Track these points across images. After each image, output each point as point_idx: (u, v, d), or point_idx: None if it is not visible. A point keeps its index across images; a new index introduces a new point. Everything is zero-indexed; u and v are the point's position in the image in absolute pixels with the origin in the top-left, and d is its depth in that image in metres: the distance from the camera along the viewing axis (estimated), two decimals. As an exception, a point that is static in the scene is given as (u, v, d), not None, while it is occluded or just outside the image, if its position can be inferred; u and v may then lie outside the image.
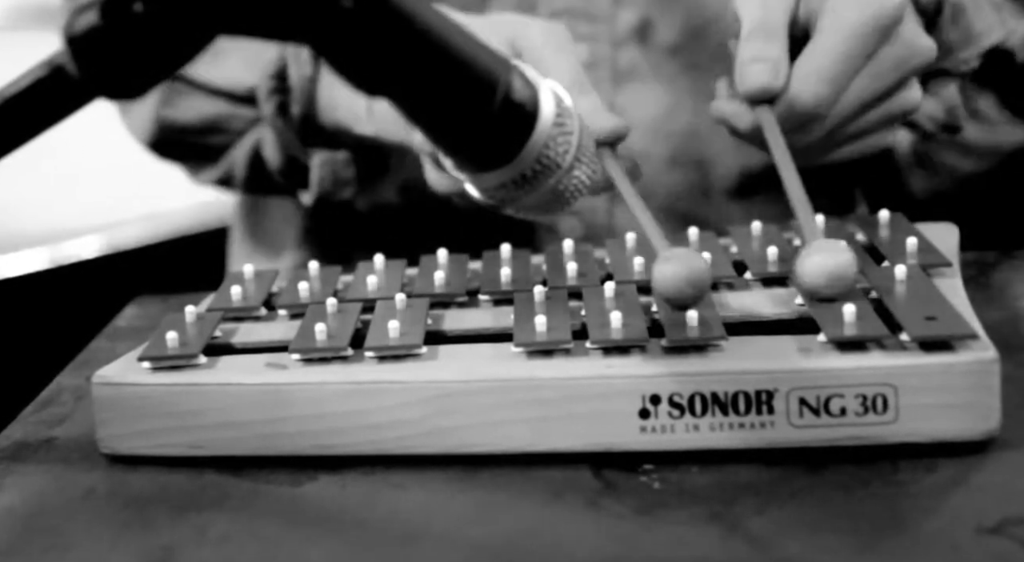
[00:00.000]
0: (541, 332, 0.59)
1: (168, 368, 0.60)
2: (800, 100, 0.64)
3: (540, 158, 0.55)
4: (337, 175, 0.87)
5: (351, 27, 0.46)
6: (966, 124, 0.85)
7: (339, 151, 0.86)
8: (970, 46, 0.81)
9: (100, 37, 0.44)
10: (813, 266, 0.58)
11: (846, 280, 0.58)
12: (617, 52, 0.87)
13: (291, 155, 0.87)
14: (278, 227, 1.00)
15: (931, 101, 0.81)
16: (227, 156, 0.91)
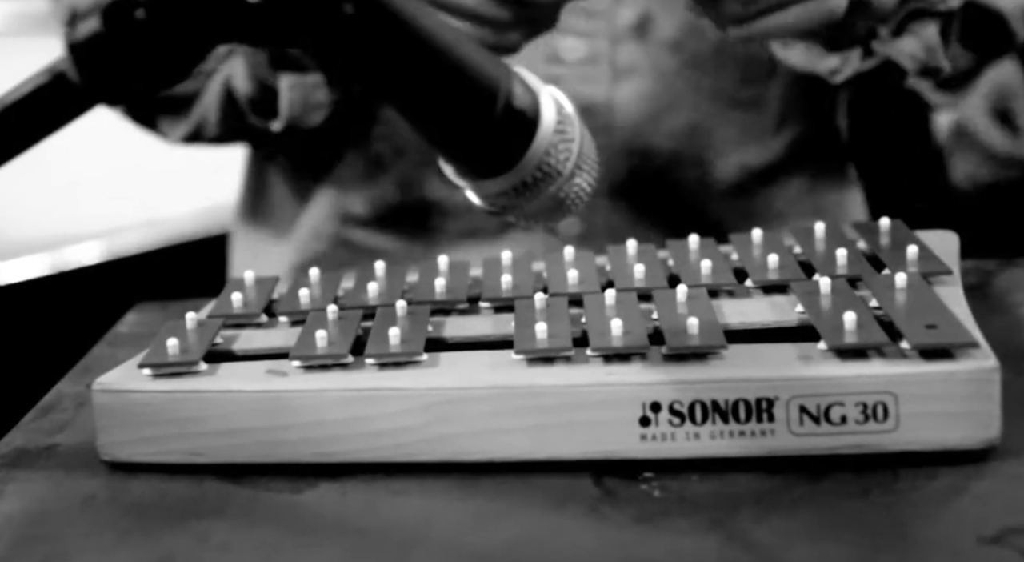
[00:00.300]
0: (542, 339, 0.59)
1: (169, 375, 0.60)
2: None
3: (541, 165, 0.55)
4: (307, 98, 0.86)
5: (353, 34, 0.47)
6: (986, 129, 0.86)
7: (309, 74, 0.85)
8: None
9: (102, 43, 0.44)
10: None
11: None
12: (616, 48, 0.87)
13: (261, 80, 0.86)
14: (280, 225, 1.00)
15: (911, 40, 0.81)
16: (198, 103, 0.90)
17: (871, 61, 0.81)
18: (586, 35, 0.87)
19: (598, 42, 0.87)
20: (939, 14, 0.81)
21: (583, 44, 0.87)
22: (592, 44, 0.87)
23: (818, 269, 0.65)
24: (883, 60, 0.81)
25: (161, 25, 0.44)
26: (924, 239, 0.68)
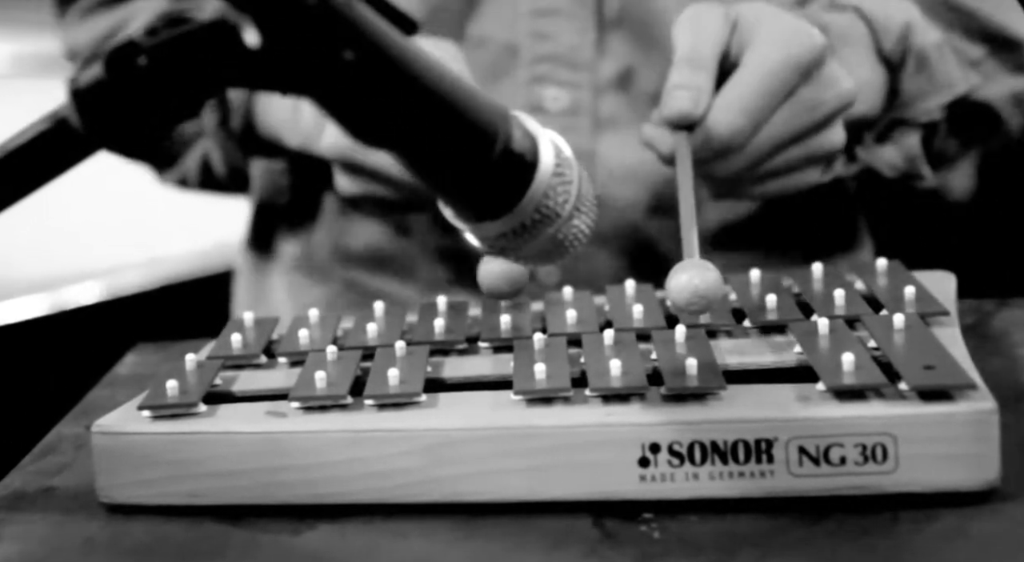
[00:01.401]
0: (540, 380, 0.59)
1: (168, 417, 0.60)
2: (716, 130, 0.67)
3: (540, 207, 0.55)
4: (275, 182, 0.93)
5: (353, 80, 0.47)
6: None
7: (276, 160, 0.92)
8: (933, 97, 0.82)
9: (104, 90, 0.45)
10: (679, 283, 0.58)
11: (709, 297, 0.58)
12: (598, 99, 0.88)
13: (233, 164, 0.93)
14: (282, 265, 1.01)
15: (892, 150, 0.83)
16: (181, 162, 0.96)
17: (854, 166, 0.83)
18: (569, 86, 0.88)
19: (581, 93, 0.88)
20: (922, 124, 0.83)
21: (566, 94, 0.88)
22: (575, 95, 0.88)
23: (816, 310, 0.66)
24: (865, 166, 0.83)
25: (163, 72, 0.45)
26: (921, 279, 0.68)
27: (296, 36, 0.45)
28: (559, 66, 0.88)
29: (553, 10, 0.87)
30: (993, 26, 0.86)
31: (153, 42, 0.45)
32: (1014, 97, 0.88)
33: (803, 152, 0.71)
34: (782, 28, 0.70)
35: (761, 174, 0.71)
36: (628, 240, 0.90)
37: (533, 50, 0.88)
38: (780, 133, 0.69)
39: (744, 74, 0.68)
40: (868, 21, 0.80)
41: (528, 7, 0.88)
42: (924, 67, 0.82)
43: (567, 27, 0.87)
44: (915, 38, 0.81)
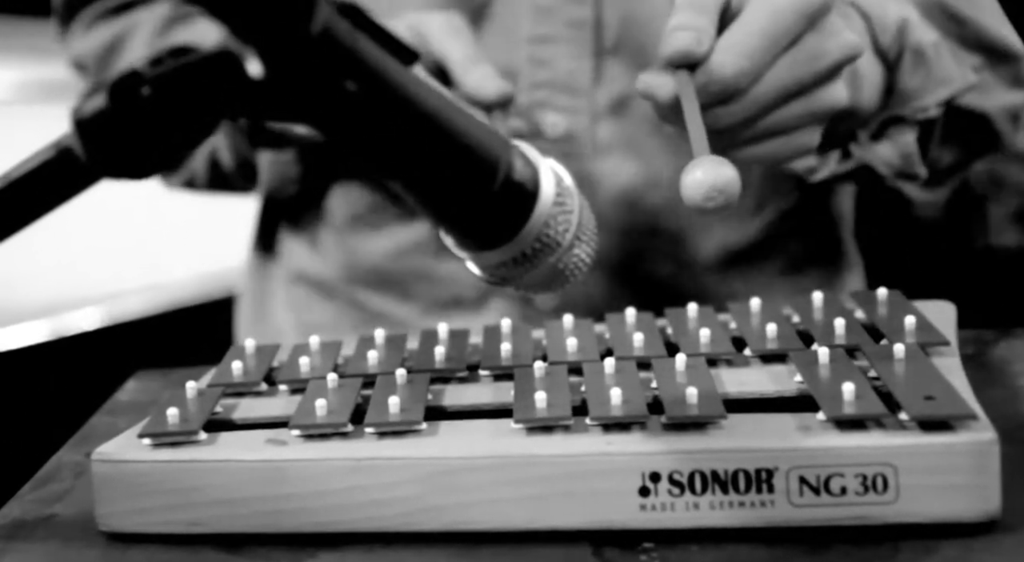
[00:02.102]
0: (541, 408, 0.59)
1: (168, 444, 0.60)
2: (720, 70, 0.65)
3: (540, 237, 0.55)
4: (283, 173, 0.94)
5: (355, 110, 0.47)
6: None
7: (284, 151, 0.92)
8: (929, 93, 0.82)
9: (108, 120, 0.45)
10: (696, 179, 0.57)
11: (727, 192, 0.56)
12: (596, 125, 0.89)
13: (242, 157, 0.94)
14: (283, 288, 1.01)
15: (888, 147, 0.82)
16: (189, 162, 0.97)
17: (849, 163, 0.82)
18: (567, 111, 0.88)
19: (579, 119, 0.88)
20: (918, 122, 0.82)
21: (564, 120, 0.88)
22: (573, 120, 0.88)
23: (816, 339, 0.66)
24: (861, 163, 0.82)
25: (167, 102, 0.45)
26: (921, 309, 0.68)
27: (299, 66, 0.45)
28: (557, 92, 0.88)
29: (551, 37, 0.88)
30: (989, 36, 0.86)
31: (156, 72, 0.45)
32: (1009, 111, 0.87)
33: (804, 107, 0.69)
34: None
35: (761, 130, 0.69)
36: (625, 265, 0.90)
37: (531, 76, 0.88)
38: (783, 80, 0.67)
39: (748, 17, 0.66)
40: (864, 16, 0.79)
41: (527, 34, 0.88)
42: (921, 64, 0.81)
43: (565, 54, 0.88)
44: (912, 35, 0.80)
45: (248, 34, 0.45)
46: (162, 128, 0.45)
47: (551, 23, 0.88)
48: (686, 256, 0.90)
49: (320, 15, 0.45)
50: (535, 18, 0.88)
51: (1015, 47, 0.86)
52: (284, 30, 0.45)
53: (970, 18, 0.86)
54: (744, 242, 0.92)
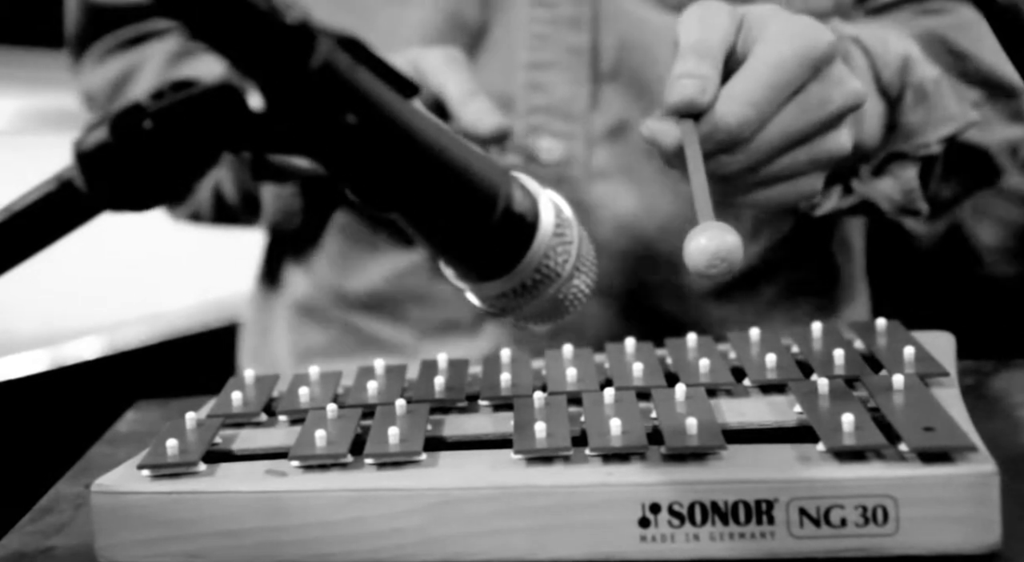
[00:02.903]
0: (541, 439, 0.59)
1: (167, 476, 0.60)
2: (724, 120, 0.64)
3: (540, 268, 0.55)
4: (287, 206, 0.94)
5: (354, 143, 0.47)
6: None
7: (287, 184, 0.93)
8: (931, 130, 0.82)
9: (109, 153, 0.45)
10: (697, 246, 0.57)
11: (730, 260, 0.57)
12: (592, 151, 0.89)
13: (245, 190, 0.94)
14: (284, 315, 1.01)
15: (890, 183, 0.82)
16: (193, 198, 0.98)
17: (851, 199, 0.82)
18: (563, 137, 0.88)
19: (575, 144, 0.89)
20: (919, 158, 0.83)
21: (560, 145, 0.89)
22: (569, 146, 0.89)
23: (816, 369, 0.66)
24: (863, 198, 0.82)
25: (168, 135, 0.45)
26: (921, 340, 0.68)
27: (299, 100, 0.46)
28: (554, 117, 0.89)
29: (549, 63, 0.88)
30: (989, 71, 0.86)
31: (158, 106, 0.45)
32: (1010, 145, 0.88)
33: (808, 154, 0.69)
34: (792, 23, 0.68)
35: (765, 177, 0.68)
36: (621, 291, 0.91)
37: (528, 101, 0.89)
38: (787, 129, 0.67)
39: (753, 65, 0.66)
40: (867, 51, 0.80)
41: (524, 60, 0.89)
42: (923, 100, 0.81)
43: (562, 79, 0.88)
44: (914, 71, 0.80)
45: (249, 68, 0.45)
46: (164, 161, 0.46)
47: (548, 49, 0.88)
48: (682, 281, 0.91)
49: (320, 50, 0.45)
50: (532, 44, 0.88)
51: (1014, 82, 0.87)
52: (285, 65, 0.45)
53: (971, 53, 0.86)
54: (745, 269, 0.92)
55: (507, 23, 0.88)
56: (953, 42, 0.86)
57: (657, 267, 0.90)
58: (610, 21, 0.88)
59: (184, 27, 0.43)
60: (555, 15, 0.88)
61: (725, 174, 0.67)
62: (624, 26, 0.88)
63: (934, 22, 0.88)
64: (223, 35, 0.44)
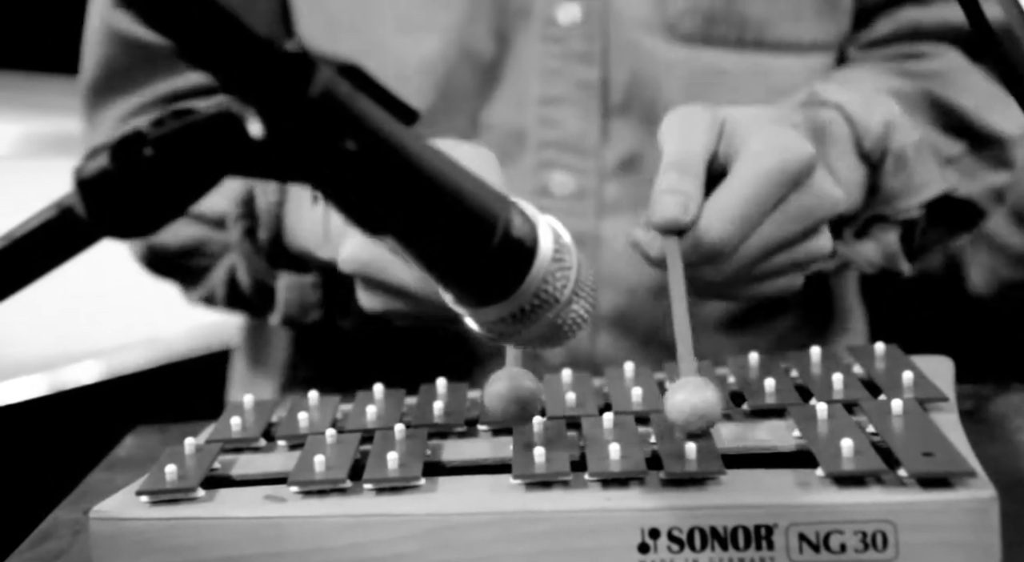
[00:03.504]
0: (540, 464, 0.59)
1: (166, 502, 0.60)
2: (707, 237, 0.66)
3: (539, 293, 0.55)
4: (304, 298, 0.87)
5: (354, 170, 0.48)
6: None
7: (306, 274, 0.87)
8: (911, 196, 0.84)
9: (110, 180, 0.45)
10: (676, 403, 0.60)
11: (708, 417, 0.60)
12: (603, 184, 0.89)
13: (259, 278, 0.88)
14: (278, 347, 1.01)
15: (871, 245, 0.84)
16: (208, 278, 0.93)
17: (833, 261, 0.84)
18: (575, 171, 0.89)
19: (587, 178, 0.89)
20: (900, 221, 0.85)
21: (572, 179, 0.89)
22: (581, 180, 0.89)
23: (815, 394, 0.66)
24: (845, 260, 0.84)
25: (169, 162, 0.45)
26: (919, 364, 0.68)
27: (299, 127, 0.46)
28: (565, 152, 0.89)
29: (560, 98, 0.89)
30: (974, 122, 0.89)
31: (159, 133, 0.46)
32: (994, 191, 0.90)
33: (790, 258, 0.71)
34: (774, 137, 0.70)
35: (747, 280, 0.71)
36: (633, 322, 0.91)
37: (540, 136, 0.89)
38: (769, 240, 0.69)
39: (735, 181, 0.68)
40: (849, 120, 0.82)
41: (536, 94, 0.89)
42: (903, 167, 0.83)
43: (573, 114, 0.89)
44: (895, 138, 0.82)
45: (249, 95, 0.45)
46: (164, 188, 0.46)
47: (559, 84, 0.89)
48: (694, 313, 0.91)
49: (320, 77, 0.45)
50: (543, 79, 0.89)
51: (999, 132, 0.89)
52: (285, 92, 0.45)
53: (955, 106, 0.88)
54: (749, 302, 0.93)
55: (518, 57, 0.89)
56: (937, 96, 0.88)
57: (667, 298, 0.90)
58: (620, 55, 0.88)
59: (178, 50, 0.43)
60: (566, 50, 0.88)
61: (708, 282, 0.69)
62: (634, 60, 0.88)
63: (920, 67, 0.90)
64: (222, 61, 0.45)
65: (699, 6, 0.87)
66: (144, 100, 0.93)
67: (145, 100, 0.93)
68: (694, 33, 0.88)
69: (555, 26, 0.88)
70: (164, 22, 0.43)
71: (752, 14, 0.86)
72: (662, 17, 0.88)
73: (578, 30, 0.88)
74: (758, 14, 0.86)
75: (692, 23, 0.87)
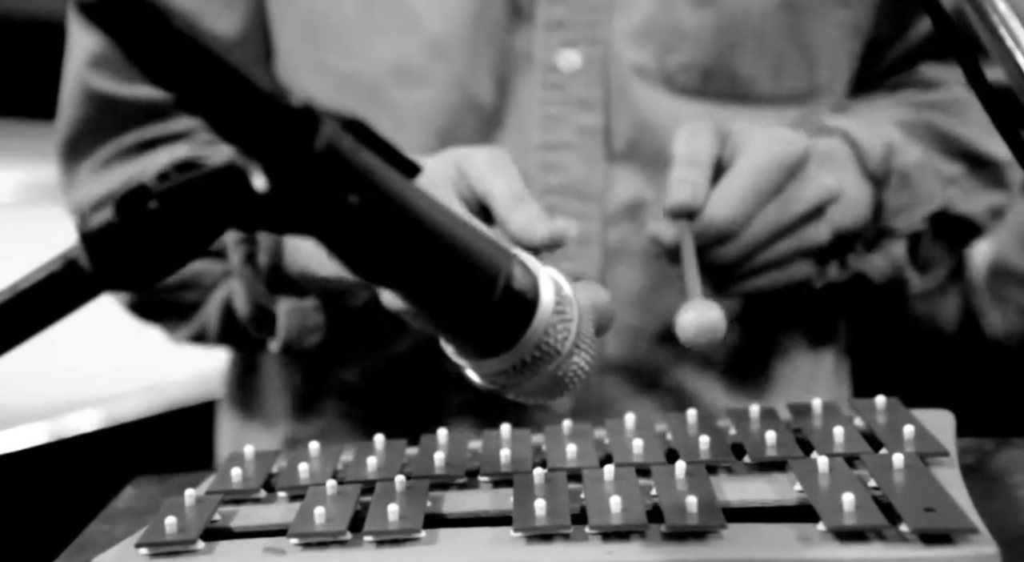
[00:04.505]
0: (540, 516, 0.59)
1: (166, 554, 0.59)
2: (715, 217, 0.76)
3: (540, 345, 0.56)
4: (304, 322, 0.89)
5: (357, 223, 0.48)
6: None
7: (306, 298, 0.88)
8: (914, 210, 0.90)
9: (114, 233, 0.46)
10: (687, 320, 0.70)
11: (715, 332, 0.69)
12: (607, 229, 0.90)
13: (259, 304, 0.89)
14: (270, 398, 1.00)
15: (880, 258, 0.91)
16: (200, 312, 0.93)
17: (846, 272, 0.90)
18: (579, 216, 0.89)
19: (591, 223, 0.90)
20: (907, 234, 0.91)
21: (576, 225, 0.89)
22: (585, 225, 0.89)
23: (816, 447, 0.66)
24: (856, 272, 0.91)
25: (173, 216, 0.46)
26: (920, 418, 0.68)
27: (303, 181, 0.46)
28: (569, 197, 0.90)
29: (562, 144, 0.90)
30: (972, 148, 0.94)
31: (164, 187, 0.46)
32: (992, 210, 0.95)
33: (791, 245, 0.80)
34: (770, 134, 0.80)
35: (755, 266, 0.79)
36: (639, 367, 0.91)
37: (543, 181, 0.90)
38: (769, 223, 0.78)
39: (736, 171, 0.77)
40: (853, 143, 0.88)
41: (537, 141, 0.90)
42: (906, 184, 0.90)
43: (576, 160, 0.90)
44: (897, 157, 0.89)
45: (254, 150, 0.46)
46: (168, 241, 0.46)
47: (561, 130, 0.89)
48: (698, 357, 0.91)
49: (324, 132, 0.46)
50: (545, 126, 0.90)
51: (996, 156, 0.95)
52: (289, 146, 0.46)
53: (953, 134, 0.94)
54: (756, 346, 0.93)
55: (519, 104, 0.90)
56: (938, 126, 0.94)
57: (675, 343, 0.90)
58: (621, 103, 0.89)
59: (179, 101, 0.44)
60: (566, 96, 0.89)
61: (719, 264, 0.77)
62: (636, 107, 0.89)
63: (925, 98, 0.95)
64: (228, 116, 0.45)
65: (697, 62, 0.89)
66: (116, 149, 0.94)
67: (117, 149, 0.94)
68: (691, 86, 0.89)
69: (556, 73, 0.89)
70: (170, 78, 0.44)
71: (741, 71, 0.90)
72: (661, 69, 0.89)
73: (578, 77, 0.89)
74: (746, 71, 0.90)
75: (689, 77, 0.89)
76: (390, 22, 0.89)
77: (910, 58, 0.96)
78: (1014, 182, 0.96)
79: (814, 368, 0.97)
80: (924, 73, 0.96)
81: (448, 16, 0.88)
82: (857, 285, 0.91)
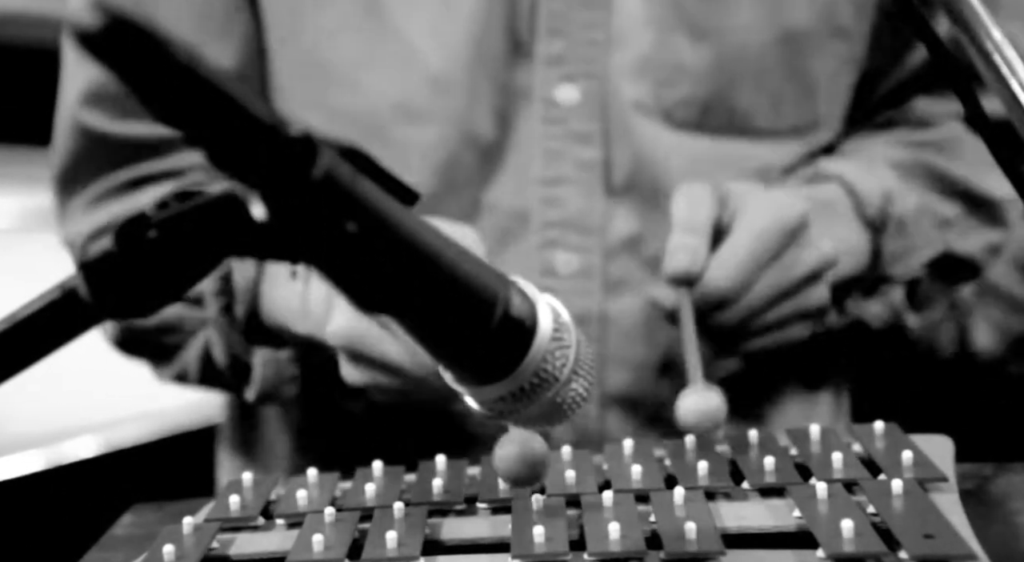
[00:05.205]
0: (539, 543, 0.59)
1: (164, 583, 0.59)
2: (714, 284, 0.78)
3: (538, 371, 0.56)
4: (280, 373, 0.89)
5: (355, 251, 0.48)
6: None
7: (282, 349, 0.88)
8: (911, 257, 0.91)
9: (113, 263, 0.46)
10: (687, 406, 0.72)
11: (715, 419, 0.71)
12: (608, 263, 0.90)
13: (235, 354, 0.89)
14: (271, 437, 1.00)
15: (878, 304, 0.92)
16: (181, 356, 0.93)
17: (844, 318, 0.91)
18: (579, 249, 0.90)
19: (591, 257, 0.90)
20: (903, 281, 0.92)
21: (576, 258, 0.90)
22: (585, 259, 0.90)
23: (814, 472, 0.66)
24: (855, 318, 0.92)
25: (172, 244, 0.46)
26: (919, 443, 0.68)
27: (302, 209, 0.46)
28: (569, 231, 0.90)
29: (562, 178, 0.90)
30: (969, 188, 0.94)
31: (163, 216, 0.46)
32: (990, 248, 0.96)
33: (791, 308, 0.81)
34: (769, 199, 0.81)
35: (755, 328, 0.80)
36: (640, 400, 0.91)
37: (543, 215, 0.90)
38: (769, 288, 0.79)
39: (736, 237, 0.78)
40: (851, 190, 0.89)
41: (538, 175, 0.90)
42: (903, 231, 0.91)
43: (576, 193, 0.90)
44: (894, 205, 0.90)
45: (253, 179, 0.46)
46: (167, 270, 0.46)
47: (561, 165, 0.90)
48: None
49: (322, 161, 0.46)
50: (545, 160, 0.90)
51: (992, 194, 0.95)
52: (287, 175, 0.46)
53: (952, 176, 0.94)
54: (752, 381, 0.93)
55: (520, 139, 0.90)
56: (934, 166, 0.94)
57: (676, 375, 0.91)
58: (621, 137, 0.90)
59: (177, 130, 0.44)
60: (566, 130, 0.90)
61: (721, 327, 0.78)
62: (635, 141, 0.90)
63: (920, 137, 0.96)
64: (227, 146, 0.45)
65: (696, 97, 0.89)
66: (108, 186, 0.93)
67: (109, 186, 0.93)
68: (690, 121, 0.90)
69: (555, 107, 0.89)
70: (169, 107, 0.44)
71: (740, 105, 0.90)
72: (659, 103, 0.89)
73: (577, 111, 0.89)
74: (745, 105, 0.90)
75: (688, 112, 0.89)
76: (390, 59, 0.89)
77: (903, 90, 0.96)
78: (1012, 219, 0.96)
79: (809, 409, 0.97)
80: (918, 109, 0.96)
81: (448, 53, 0.88)
82: (855, 330, 0.92)
